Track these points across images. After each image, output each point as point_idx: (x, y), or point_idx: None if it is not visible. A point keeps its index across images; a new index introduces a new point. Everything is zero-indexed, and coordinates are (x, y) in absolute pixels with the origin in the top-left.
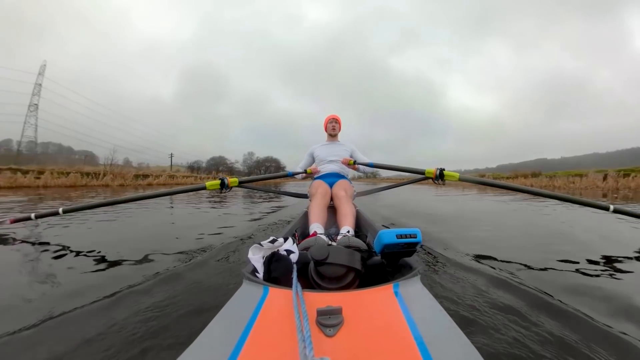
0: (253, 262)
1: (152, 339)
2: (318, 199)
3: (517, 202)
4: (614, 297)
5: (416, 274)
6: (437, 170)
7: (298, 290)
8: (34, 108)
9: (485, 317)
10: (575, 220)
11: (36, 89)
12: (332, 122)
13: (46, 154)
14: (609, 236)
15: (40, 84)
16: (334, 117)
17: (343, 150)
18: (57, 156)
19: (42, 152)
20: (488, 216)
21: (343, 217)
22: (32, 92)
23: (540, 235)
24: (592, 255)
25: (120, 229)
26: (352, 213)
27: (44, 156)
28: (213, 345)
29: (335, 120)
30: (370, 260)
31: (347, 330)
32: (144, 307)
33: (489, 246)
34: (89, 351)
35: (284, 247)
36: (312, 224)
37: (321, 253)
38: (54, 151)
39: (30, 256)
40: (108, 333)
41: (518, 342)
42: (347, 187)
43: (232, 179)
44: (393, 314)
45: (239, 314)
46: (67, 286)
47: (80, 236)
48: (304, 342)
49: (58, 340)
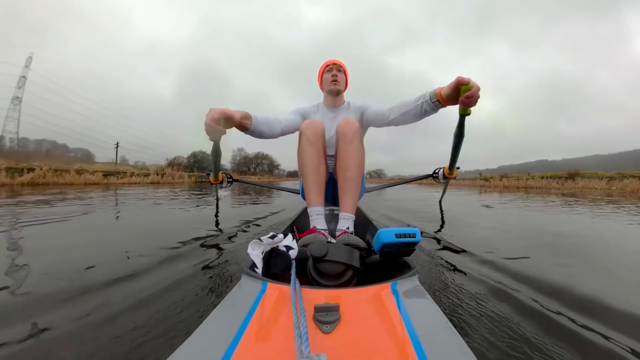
0: (252, 257)
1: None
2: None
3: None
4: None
5: (414, 273)
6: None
7: (296, 287)
8: (17, 102)
9: (483, 318)
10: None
11: (20, 82)
12: (331, 68)
13: (39, 151)
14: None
15: (25, 77)
16: (334, 61)
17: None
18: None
19: (34, 149)
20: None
21: (345, 165)
22: (17, 85)
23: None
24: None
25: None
26: (357, 161)
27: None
28: (210, 338)
29: (337, 66)
30: (369, 258)
31: (344, 327)
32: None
33: (489, 247)
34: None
35: (283, 243)
36: (312, 207)
37: (320, 250)
38: (48, 149)
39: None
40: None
41: (514, 344)
42: (354, 124)
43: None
44: (390, 312)
45: (237, 308)
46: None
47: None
48: (300, 338)
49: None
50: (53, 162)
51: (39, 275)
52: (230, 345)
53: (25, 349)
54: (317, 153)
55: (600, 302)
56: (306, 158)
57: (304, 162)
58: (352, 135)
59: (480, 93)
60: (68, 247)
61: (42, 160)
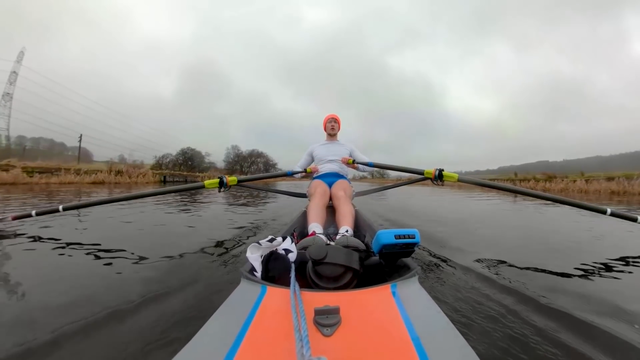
0: (251, 261)
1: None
2: (317, 199)
3: (523, 204)
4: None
5: (414, 274)
6: (436, 171)
7: (296, 290)
8: (8, 98)
9: (483, 319)
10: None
11: (12, 78)
12: (331, 121)
13: (35, 149)
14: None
15: (16, 73)
16: (333, 116)
17: (342, 149)
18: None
19: (30, 147)
20: (490, 217)
21: (342, 217)
22: (8, 81)
23: (546, 238)
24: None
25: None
26: (351, 213)
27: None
28: (210, 343)
29: (334, 119)
30: (369, 260)
31: (345, 330)
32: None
33: (489, 247)
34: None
35: (282, 247)
36: (311, 223)
37: (319, 252)
38: (45, 147)
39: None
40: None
41: (516, 344)
42: (346, 187)
43: (230, 178)
44: (390, 314)
45: (236, 312)
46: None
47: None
48: (301, 341)
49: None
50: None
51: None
52: (230, 349)
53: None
54: (321, 202)
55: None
56: (313, 203)
57: (311, 206)
58: (344, 199)
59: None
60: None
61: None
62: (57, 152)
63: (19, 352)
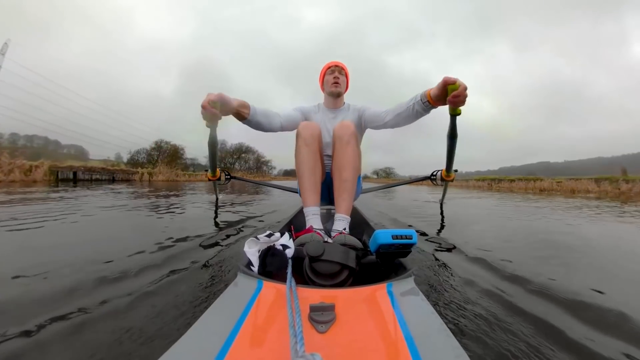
0: (248, 256)
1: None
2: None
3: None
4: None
5: (410, 274)
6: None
7: (292, 286)
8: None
9: (478, 321)
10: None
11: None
12: (333, 70)
13: (29, 147)
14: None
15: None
16: (337, 63)
17: (350, 120)
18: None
19: (23, 144)
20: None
21: (341, 166)
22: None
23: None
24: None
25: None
26: (354, 162)
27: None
28: (205, 336)
29: (339, 68)
30: (365, 259)
31: (339, 327)
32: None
33: (488, 247)
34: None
35: (280, 242)
36: (307, 207)
37: (317, 250)
38: (39, 145)
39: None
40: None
41: (511, 346)
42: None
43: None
44: (385, 313)
45: (232, 306)
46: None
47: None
48: (295, 337)
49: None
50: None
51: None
52: (224, 344)
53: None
54: (313, 155)
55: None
56: (302, 159)
57: (300, 163)
58: (347, 138)
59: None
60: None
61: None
62: (51, 150)
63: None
